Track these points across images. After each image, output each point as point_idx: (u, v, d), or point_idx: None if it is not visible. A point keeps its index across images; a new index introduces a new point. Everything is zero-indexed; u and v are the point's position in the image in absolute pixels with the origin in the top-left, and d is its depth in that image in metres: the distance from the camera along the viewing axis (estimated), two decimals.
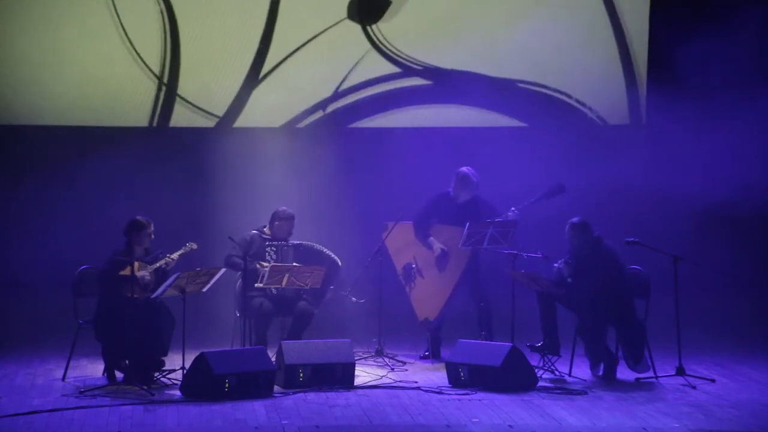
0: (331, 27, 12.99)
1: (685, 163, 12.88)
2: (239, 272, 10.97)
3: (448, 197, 11.46)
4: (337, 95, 13.07)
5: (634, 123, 13.32)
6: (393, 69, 13.14)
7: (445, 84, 13.16)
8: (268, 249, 11.12)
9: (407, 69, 13.13)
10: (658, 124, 13.13)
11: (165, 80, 12.82)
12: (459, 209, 11.38)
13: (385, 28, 13.05)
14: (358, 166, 13.07)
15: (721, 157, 12.82)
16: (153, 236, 10.47)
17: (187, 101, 12.87)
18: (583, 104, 13.28)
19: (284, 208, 11.28)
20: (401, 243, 11.48)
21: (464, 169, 11.44)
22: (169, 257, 10.42)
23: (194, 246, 10.57)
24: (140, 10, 12.76)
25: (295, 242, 11.22)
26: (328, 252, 11.29)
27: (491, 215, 11.23)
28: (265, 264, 10.94)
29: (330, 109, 13.07)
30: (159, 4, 12.77)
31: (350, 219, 12.81)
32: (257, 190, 12.51)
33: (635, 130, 13.28)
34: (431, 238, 11.41)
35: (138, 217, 10.46)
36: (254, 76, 12.97)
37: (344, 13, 13.01)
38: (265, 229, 11.25)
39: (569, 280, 10.56)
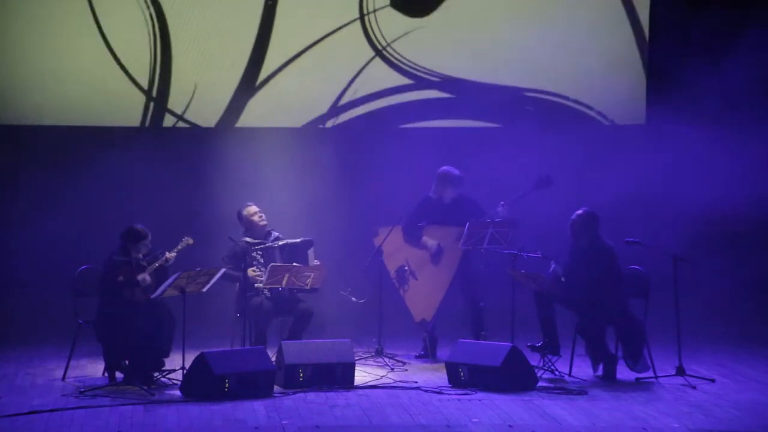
0: (332, 33, 13.01)
1: (685, 165, 12.87)
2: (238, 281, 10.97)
3: (431, 200, 11.47)
4: (337, 110, 13.07)
5: (634, 125, 13.31)
6: (395, 76, 13.12)
7: (458, 94, 13.14)
8: (254, 254, 11.08)
9: (414, 78, 13.12)
10: (658, 127, 13.12)
11: (154, 93, 12.82)
12: (446, 209, 11.40)
13: (387, 32, 13.07)
14: (357, 166, 13.06)
15: (722, 161, 12.83)
16: (150, 246, 10.40)
17: (176, 114, 12.89)
18: (586, 106, 13.28)
19: (248, 203, 11.21)
20: (393, 247, 11.47)
21: (444, 167, 11.46)
22: (167, 255, 10.39)
23: (190, 241, 10.54)
24: (126, 17, 12.77)
25: (280, 243, 11.14)
26: (300, 240, 11.19)
27: (478, 213, 11.26)
28: (255, 271, 10.90)
29: (329, 124, 13.07)
30: (148, 10, 12.76)
31: (349, 219, 12.80)
32: (257, 190, 12.48)
33: (634, 132, 13.26)
34: (424, 238, 11.41)
35: (138, 227, 10.38)
36: (249, 85, 12.95)
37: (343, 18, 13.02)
38: (247, 238, 11.19)
39: (563, 279, 10.55)
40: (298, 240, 11.17)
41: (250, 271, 10.95)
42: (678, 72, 12.82)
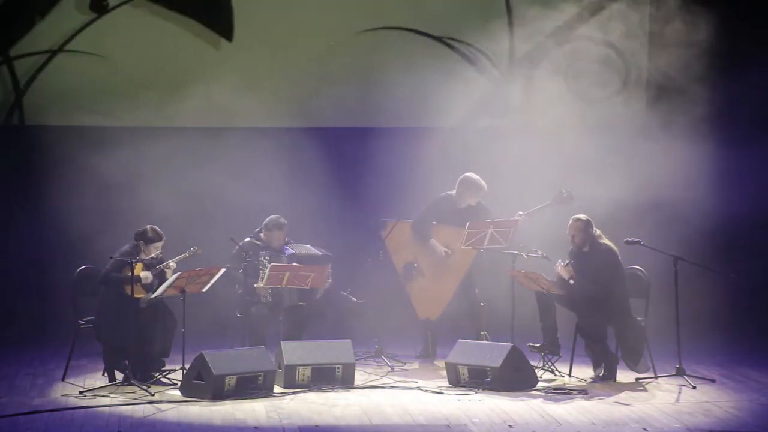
0: None
1: (685, 169, 12.88)
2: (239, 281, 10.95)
3: (449, 200, 11.42)
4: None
5: (634, 128, 13.31)
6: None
7: None
8: (262, 258, 11.06)
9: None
10: (659, 130, 13.12)
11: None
12: (459, 212, 11.35)
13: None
14: (355, 166, 13.04)
15: (722, 164, 12.85)
16: (161, 252, 10.38)
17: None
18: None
19: (276, 216, 11.17)
20: (402, 242, 11.45)
21: (471, 174, 11.38)
22: (170, 263, 10.36)
23: (199, 251, 10.53)
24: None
25: (289, 252, 11.11)
26: (316, 251, 11.19)
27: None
28: (261, 284, 10.89)
29: None
30: None
31: (349, 219, 12.79)
32: (257, 190, 12.48)
33: (636, 134, 13.26)
34: (433, 240, 11.35)
35: (154, 229, 10.37)
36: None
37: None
38: (261, 235, 11.17)
39: (571, 281, 10.53)
40: (320, 253, 11.13)
41: (258, 284, 10.92)
42: (678, 77, 12.83)
